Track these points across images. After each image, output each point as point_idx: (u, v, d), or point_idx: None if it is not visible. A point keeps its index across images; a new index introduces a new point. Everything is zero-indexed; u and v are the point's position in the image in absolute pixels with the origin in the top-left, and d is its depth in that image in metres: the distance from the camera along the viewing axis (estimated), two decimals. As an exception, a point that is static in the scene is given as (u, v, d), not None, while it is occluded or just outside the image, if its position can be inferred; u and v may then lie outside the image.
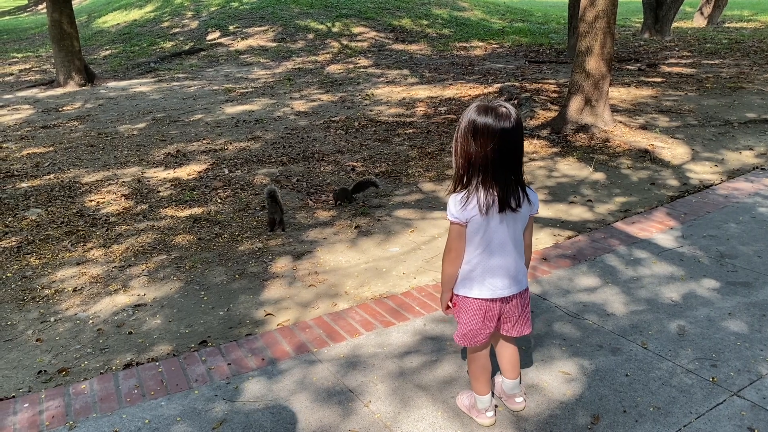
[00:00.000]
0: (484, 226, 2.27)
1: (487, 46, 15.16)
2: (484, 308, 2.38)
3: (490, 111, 2.17)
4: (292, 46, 14.96)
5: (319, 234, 4.78)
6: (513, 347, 2.60)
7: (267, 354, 3.14)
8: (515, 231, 2.32)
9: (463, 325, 2.43)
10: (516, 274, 2.38)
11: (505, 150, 2.18)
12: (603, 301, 3.54)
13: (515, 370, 2.62)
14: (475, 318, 2.40)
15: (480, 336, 2.43)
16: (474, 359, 2.54)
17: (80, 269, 4.31)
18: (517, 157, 2.22)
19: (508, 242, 2.32)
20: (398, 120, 8.32)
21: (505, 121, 2.15)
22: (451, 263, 2.37)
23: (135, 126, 8.60)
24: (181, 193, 5.74)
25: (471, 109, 2.21)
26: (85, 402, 2.80)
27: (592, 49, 6.92)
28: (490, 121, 2.15)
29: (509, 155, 2.19)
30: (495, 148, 2.16)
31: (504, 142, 2.16)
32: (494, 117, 2.15)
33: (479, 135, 2.16)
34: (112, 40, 16.47)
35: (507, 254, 2.33)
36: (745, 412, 2.59)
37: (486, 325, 2.41)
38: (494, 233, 2.28)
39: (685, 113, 8.07)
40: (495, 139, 2.15)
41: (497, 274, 2.34)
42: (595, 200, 5.30)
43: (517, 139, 2.19)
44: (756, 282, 3.69)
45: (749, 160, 6.19)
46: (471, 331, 2.42)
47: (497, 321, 2.44)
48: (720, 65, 11.55)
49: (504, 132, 2.15)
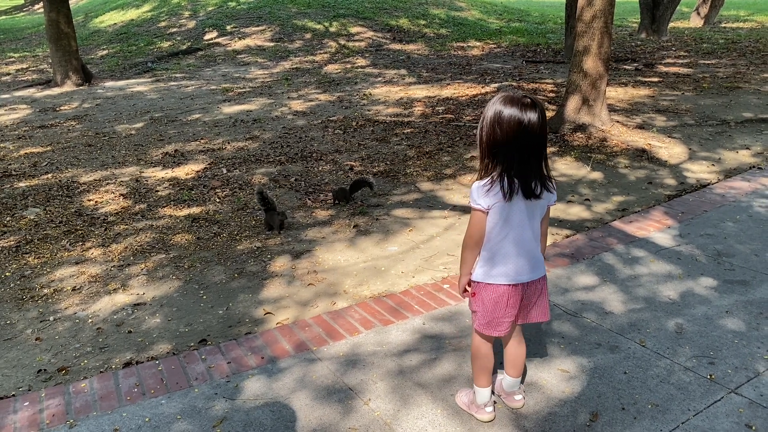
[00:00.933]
0: (506, 214, 2.31)
1: (484, 45, 15.18)
2: (507, 294, 2.39)
3: (516, 102, 2.21)
4: (290, 45, 14.96)
5: (317, 233, 4.79)
6: (522, 346, 2.61)
7: (267, 352, 3.15)
8: (534, 219, 2.37)
9: (487, 313, 2.44)
10: (535, 260, 2.42)
11: (529, 140, 2.22)
12: (601, 300, 3.55)
13: (519, 369, 2.63)
14: (498, 304, 2.41)
15: (503, 324, 2.44)
16: (479, 348, 2.55)
17: (79, 268, 4.31)
18: (540, 147, 2.27)
19: (528, 230, 2.36)
20: (396, 120, 8.33)
21: (530, 111, 2.20)
22: (471, 249, 2.40)
23: (133, 126, 8.60)
24: (180, 193, 5.74)
25: (496, 99, 2.26)
26: (85, 400, 2.81)
27: (590, 48, 6.93)
28: (515, 111, 2.20)
29: (533, 145, 2.24)
30: (519, 137, 2.21)
31: (528, 133, 2.21)
32: (519, 107, 2.20)
33: (504, 125, 2.21)
34: (110, 39, 16.45)
35: (527, 241, 2.37)
36: (742, 409, 2.61)
37: (508, 312, 2.42)
38: (515, 221, 2.33)
39: (682, 113, 8.10)
40: (519, 129, 2.20)
41: (518, 261, 2.37)
42: (593, 199, 5.31)
43: (541, 130, 2.23)
44: (753, 280, 3.71)
45: (746, 160, 6.21)
46: (495, 318, 2.43)
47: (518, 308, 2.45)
48: (717, 65, 11.58)
49: (529, 122, 2.20)
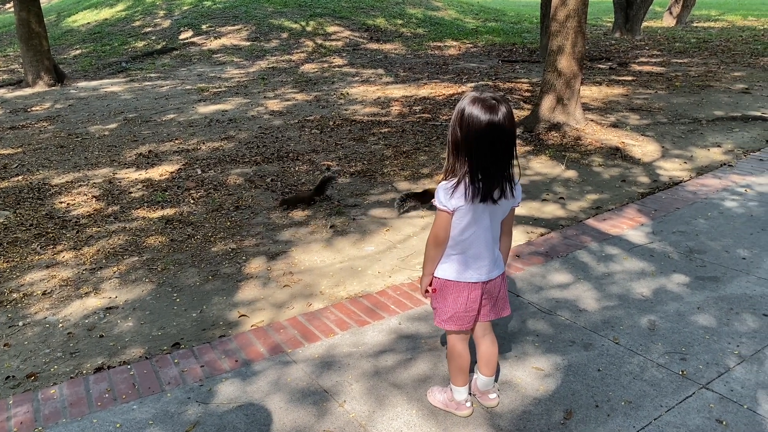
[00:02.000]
0: (470, 215, 2.31)
1: (461, 45, 15.23)
2: (467, 290, 2.42)
3: (481, 102, 2.18)
4: (266, 45, 14.87)
5: (294, 234, 4.76)
6: (494, 345, 2.63)
7: (241, 355, 3.12)
8: (496, 220, 2.39)
9: (448, 309, 2.47)
10: (496, 259, 2.46)
11: (492, 142, 2.19)
12: (575, 297, 3.58)
13: (492, 368, 2.64)
14: (459, 301, 2.44)
15: (465, 319, 2.47)
16: (455, 343, 2.56)
17: (50, 272, 4.23)
18: (504, 150, 2.24)
19: (489, 231, 2.38)
20: (373, 119, 8.32)
21: (494, 113, 2.17)
22: (435, 249, 2.41)
23: (106, 126, 8.47)
24: (153, 194, 5.67)
25: (463, 99, 2.24)
26: (54, 407, 2.75)
27: (564, 48, 6.99)
28: (479, 112, 2.17)
29: (496, 147, 2.21)
30: (483, 138, 2.18)
31: (491, 134, 2.18)
32: (483, 108, 2.17)
33: (467, 125, 2.19)
34: (83, 39, 16.20)
35: (489, 241, 2.39)
36: (713, 405, 2.64)
37: (470, 307, 2.45)
38: (478, 222, 2.33)
39: (655, 111, 8.20)
40: (483, 130, 2.17)
41: (479, 260, 2.40)
42: (568, 198, 5.35)
43: (505, 132, 2.20)
44: (724, 276, 3.76)
45: (717, 157, 6.31)
46: (456, 313, 2.46)
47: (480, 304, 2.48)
48: (689, 64, 11.75)
49: (493, 123, 2.17)
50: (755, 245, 4.17)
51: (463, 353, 2.57)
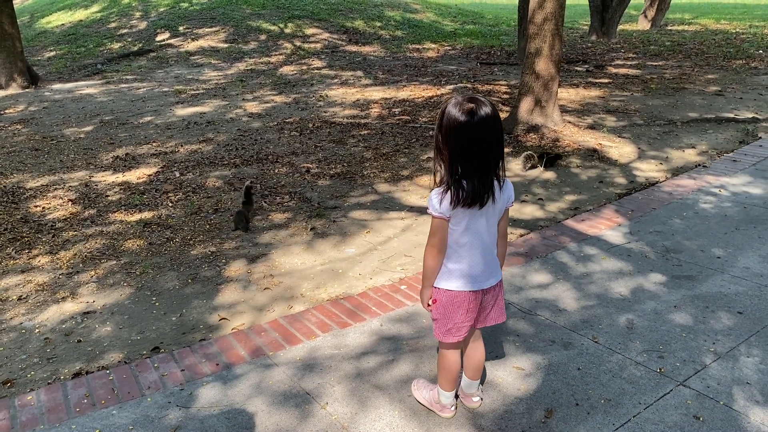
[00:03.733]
0: (465, 220, 2.28)
1: (439, 47, 15.30)
2: (467, 301, 2.38)
3: (460, 105, 2.16)
4: (244, 47, 14.79)
5: (274, 236, 4.74)
6: (480, 350, 2.61)
7: (222, 359, 3.10)
8: (492, 223, 2.35)
9: (447, 321, 2.42)
10: (494, 265, 2.42)
11: (477, 144, 2.16)
12: (555, 297, 3.61)
13: (477, 372, 2.63)
14: (459, 311, 2.39)
15: (462, 329, 2.43)
16: (446, 356, 2.53)
17: (25, 277, 4.16)
18: (490, 152, 2.20)
19: (485, 235, 2.34)
20: (353, 121, 8.32)
21: (474, 114, 2.14)
22: (434, 257, 2.36)
23: (82, 129, 8.36)
24: (131, 197, 5.61)
25: (446, 103, 2.21)
26: (31, 414, 2.71)
27: (541, 50, 7.05)
28: (457, 114, 2.15)
29: (482, 150, 2.18)
30: (466, 142, 2.16)
31: (473, 136, 2.15)
32: (462, 111, 2.14)
33: (451, 130, 2.16)
34: (57, 41, 15.97)
35: (486, 247, 2.36)
36: (690, 401, 2.69)
37: (468, 317, 2.42)
38: (474, 227, 2.30)
39: (631, 113, 8.31)
40: (463, 133, 2.15)
41: (478, 267, 2.36)
42: (546, 199, 5.40)
43: (490, 134, 2.17)
44: (699, 275, 3.82)
45: (692, 158, 6.41)
46: (455, 325, 2.41)
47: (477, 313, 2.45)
48: (663, 66, 11.93)
49: (472, 125, 2.14)
50: (729, 244, 4.25)
51: (454, 364, 2.54)
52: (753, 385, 2.78)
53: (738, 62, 12.09)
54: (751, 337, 3.14)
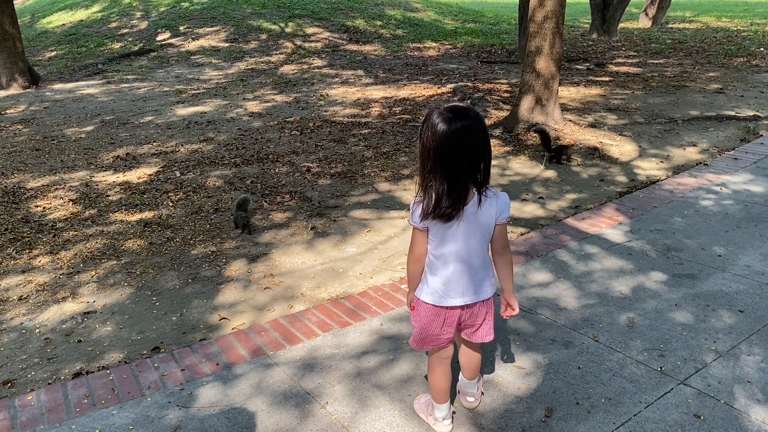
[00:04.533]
0: (440, 234, 2.22)
1: (440, 46, 15.29)
2: (442, 315, 2.32)
3: (438, 115, 2.09)
4: (245, 46, 14.79)
5: (274, 236, 4.74)
6: (475, 354, 2.57)
7: (222, 359, 3.10)
8: (472, 239, 2.23)
9: (420, 329, 2.38)
10: (474, 283, 2.30)
11: (450, 157, 2.07)
12: (555, 296, 3.61)
13: (473, 372, 2.60)
14: (432, 323, 2.33)
15: (438, 340, 2.37)
16: (435, 365, 2.47)
17: (26, 277, 4.17)
18: (463, 166, 2.09)
19: (463, 251, 2.24)
20: (353, 120, 8.32)
21: (450, 125, 2.06)
22: (411, 265, 2.35)
23: (83, 129, 8.37)
24: (131, 197, 5.61)
25: (428, 112, 2.15)
26: (32, 414, 2.71)
27: (542, 49, 7.04)
28: (434, 126, 2.08)
29: (453, 163, 2.08)
30: (443, 152, 2.07)
31: (448, 150, 2.07)
32: (440, 122, 2.07)
33: (429, 139, 2.09)
34: (58, 41, 15.98)
35: (464, 263, 2.26)
36: (691, 400, 2.68)
37: (444, 330, 2.35)
38: (452, 241, 2.22)
39: (632, 111, 8.30)
40: (438, 144, 2.07)
41: (452, 283, 2.28)
42: (547, 197, 5.40)
43: (469, 144, 2.08)
44: (700, 274, 3.82)
45: (693, 156, 6.40)
46: (427, 336, 2.36)
47: (457, 327, 2.38)
48: (664, 65, 11.91)
49: (446, 137, 2.06)
50: (730, 242, 4.24)
51: (442, 375, 2.47)
52: (754, 383, 2.77)
53: (739, 60, 12.07)
54: (752, 336, 3.14)
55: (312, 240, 4.66)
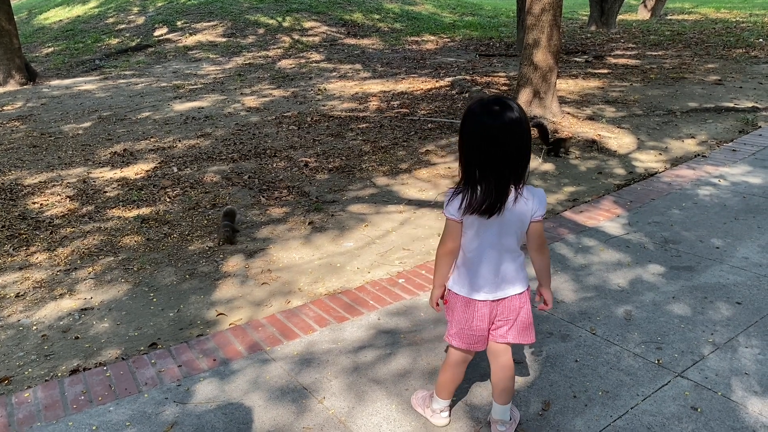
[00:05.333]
0: (474, 227, 2.19)
1: (438, 39, 15.24)
2: (472, 307, 2.28)
3: (482, 106, 2.07)
4: (242, 41, 14.75)
5: (271, 231, 4.73)
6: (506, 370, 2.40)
7: (219, 354, 3.10)
8: (506, 234, 2.20)
9: (454, 323, 2.34)
10: (509, 277, 2.27)
11: (495, 150, 2.05)
12: (553, 289, 3.59)
13: (506, 395, 2.43)
14: (465, 316, 2.30)
15: (472, 338, 2.33)
16: (450, 364, 2.44)
17: (23, 274, 4.16)
18: (508, 159, 2.07)
19: (497, 245, 2.21)
20: (351, 115, 8.29)
21: (494, 118, 2.04)
22: (443, 258, 2.29)
23: (80, 125, 8.35)
24: (129, 193, 5.60)
25: (472, 101, 2.13)
26: (28, 411, 2.71)
27: (540, 41, 7.02)
28: (477, 117, 2.06)
29: (499, 156, 2.06)
30: (478, 145, 2.06)
31: (494, 142, 2.04)
32: (483, 113, 2.06)
33: (466, 130, 2.09)
34: (55, 37, 15.94)
35: (495, 258, 2.23)
36: (688, 392, 2.68)
37: (476, 326, 2.30)
38: (484, 235, 2.20)
39: (630, 103, 8.28)
40: (479, 137, 2.05)
41: (484, 277, 2.25)
42: (545, 190, 5.37)
43: (511, 140, 2.05)
44: (698, 266, 3.81)
45: (691, 148, 6.39)
46: (462, 329, 2.32)
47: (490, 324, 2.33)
48: (663, 56, 11.87)
49: (489, 129, 2.04)
50: (729, 234, 4.23)
51: (455, 376, 2.45)
52: (751, 375, 2.77)
53: (738, 51, 12.03)
54: (750, 328, 3.13)
55: (309, 235, 4.65)
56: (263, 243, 4.52)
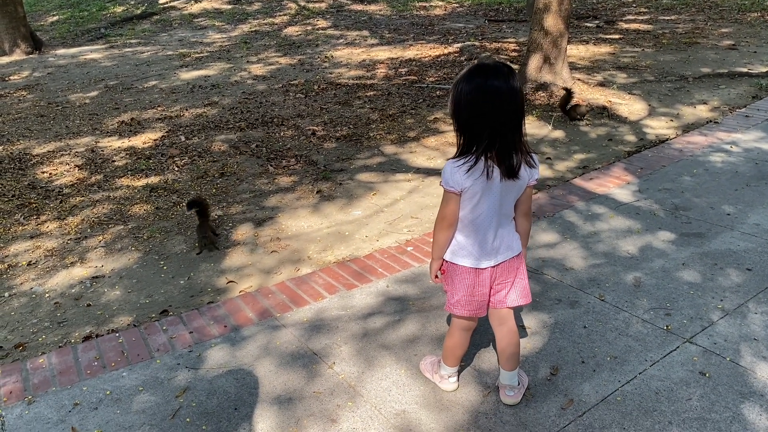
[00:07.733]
0: (478, 195, 2.16)
1: (447, 5, 15.01)
2: (474, 275, 2.28)
3: (476, 72, 2.04)
4: (248, 8, 14.58)
5: (280, 200, 4.73)
6: (511, 335, 2.43)
7: (230, 321, 3.13)
8: (507, 199, 2.21)
9: (455, 293, 2.34)
10: (508, 240, 2.29)
11: (500, 113, 2.03)
12: (562, 257, 3.60)
13: (513, 361, 2.45)
14: (464, 284, 2.30)
15: (474, 304, 2.34)
16: (455, 331, 2.45)
17: (34, 243, 4.19)
18: (513, 122, 2.06)
19: (499, 211, 2.21)
20: (359, 82, 8.22)
21: (490, 81, 2.01)
22: (443, 231, 2.26)
23: (87, 94, 8.32)
24: (137, 162, 5.60)
25: (464, 71, 2.08)
26: (43, 376, 2.76)
27: (550, 6, 6.89)
28: (472, 82, 2.03)
29: (505, 118, 2.04)
30: (477, 111, 2.03)
31: (488, 106, 2.02)
32: (478, 78, 2.02)
33: (460, 97, 2.05)
34: (59, 5, 15.81)
35: (498, 223, 2.23)
36: (696, 358, 2.68)
37: (477, 291, 2.31)
38: (487, 202, 2.17)
39: (642, 69, 8.16)
40: (477, 102, 2.03)
41: (487, 244, 2.25)
42: (555, 158, 5.34)
43: (512, 102, 2.03)
44: (708, 233, 3.79)
45: (703, 114, 6.30)
46: (463, 297, 2.33)
47: (490, 289, 2.34)
48: (676, 21, 11.66)
49: (487, 94, 2.01)
50: (740, 201, 4.20)
51: (459, 343, 2.46)
52: (760, 341, 2.77)
53: (753, 15, 11.78)
54: (760, 294, 3.12)
55: (318, 203, 4.65)
56: (272, 212, 4.53)
